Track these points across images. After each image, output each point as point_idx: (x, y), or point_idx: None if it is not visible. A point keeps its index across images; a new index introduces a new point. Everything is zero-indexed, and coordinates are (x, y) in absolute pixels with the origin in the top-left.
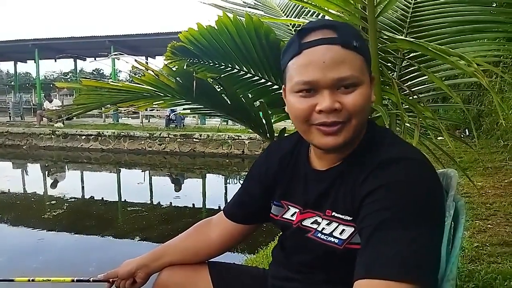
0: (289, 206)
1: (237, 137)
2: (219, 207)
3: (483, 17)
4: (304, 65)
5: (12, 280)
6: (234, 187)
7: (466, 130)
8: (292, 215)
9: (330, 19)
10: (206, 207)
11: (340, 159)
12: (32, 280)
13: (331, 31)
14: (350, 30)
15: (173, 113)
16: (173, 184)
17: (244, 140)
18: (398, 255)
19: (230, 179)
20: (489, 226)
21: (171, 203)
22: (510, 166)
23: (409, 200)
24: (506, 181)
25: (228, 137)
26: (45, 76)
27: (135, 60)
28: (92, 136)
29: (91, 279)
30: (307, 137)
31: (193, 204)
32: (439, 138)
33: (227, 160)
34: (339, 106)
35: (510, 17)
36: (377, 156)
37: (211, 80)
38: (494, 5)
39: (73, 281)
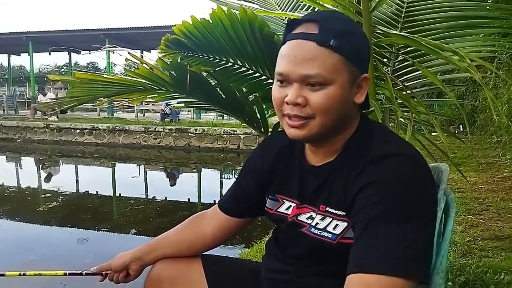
0: (284, 200)
1: (232, 132)
2: (214, 201)
3: (478, 12)
4: (282, 56)
5: (3, 275)
6: (229, 182)
7: (461, 126)
8: (287, 209)
9: None
10: (201, 201)
11: (333, 155)
12: (23, 274)
13: (314, 26)
14: (336, 26)
15: (167, 107)
16: (168, 178)
17: (240, 135)
18: (390, 250)
19: (225, 174)
20: (481, 221)
21: (166, 197)
22: (503, 162)
23: (402, 195)
24: (498, 176)
25: (223, 132)
26: (39, 69)
27: (129, 53)
28: (87, 130)
29: (83, 272)
30: (281, 125)
31: (188, 198)
32: (433, 133)
33: (222, 155)
34: (302, 101)
35: (505, 13)
36: (371, 152)
37: (205, 73)
38: (490, 1)
39: (65, 274)
